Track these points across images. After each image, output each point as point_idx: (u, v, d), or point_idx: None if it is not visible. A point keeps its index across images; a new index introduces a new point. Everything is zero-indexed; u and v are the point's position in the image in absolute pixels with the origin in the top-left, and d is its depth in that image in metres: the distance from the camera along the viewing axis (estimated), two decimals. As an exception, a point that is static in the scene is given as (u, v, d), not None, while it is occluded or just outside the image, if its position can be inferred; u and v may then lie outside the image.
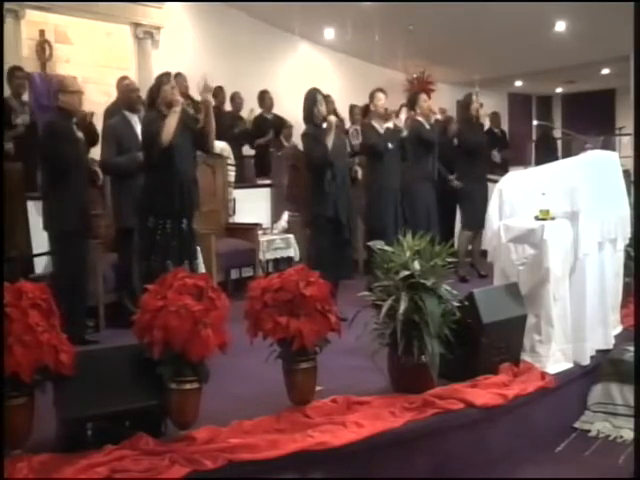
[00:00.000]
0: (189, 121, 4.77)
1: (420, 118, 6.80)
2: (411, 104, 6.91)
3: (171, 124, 4.57)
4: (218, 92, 9.02)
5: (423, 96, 7.12)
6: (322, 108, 5.61)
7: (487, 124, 9.44)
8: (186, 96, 7.10)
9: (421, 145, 6.71)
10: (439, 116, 7.13)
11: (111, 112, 6.99)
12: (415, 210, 6.50)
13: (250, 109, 9.52)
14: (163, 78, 4.77)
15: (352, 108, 9.05)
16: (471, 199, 7.33)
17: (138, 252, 4.82)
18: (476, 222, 7.11)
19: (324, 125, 5.60)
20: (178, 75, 5.22)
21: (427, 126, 6.86)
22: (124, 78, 7.64)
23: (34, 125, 6.52)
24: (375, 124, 6.23)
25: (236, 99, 9.35)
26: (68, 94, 4.95)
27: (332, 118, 5.62)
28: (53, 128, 4.99)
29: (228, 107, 9.38)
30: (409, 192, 6.44)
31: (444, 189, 7.16)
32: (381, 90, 6.29)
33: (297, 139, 8.67)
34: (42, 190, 5.11)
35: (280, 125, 9.38)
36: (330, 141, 5.53)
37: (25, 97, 7.22)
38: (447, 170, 7.47)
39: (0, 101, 6.35)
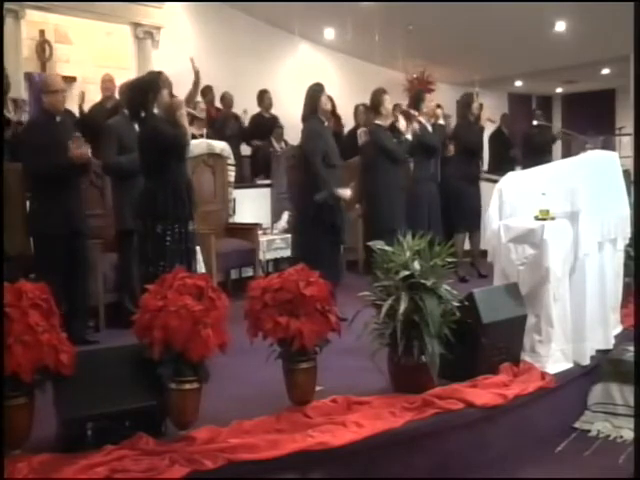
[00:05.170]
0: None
1: (422, 119, 6.79)
2: (415, 103, 6.88)
3: (186, 125, 4.58)
4: (207, 92, 9.00)
5: (428, 96, 7.11)
6: (326, 99, 5.49)
7: (488, 125, 9.41)
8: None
9: (424, 149, 6.71)
10: (442, 121, 7.10)
11: (96, 111, 7.05)
12: (417, 211, 6.50)
13: (243, 110, 9.48)
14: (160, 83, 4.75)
15: (357, 107, 8.99)
16: (462, 200, 7.21)
17: (142, 257, 4.71)
18: (467, 223, 7.12)
19: (325, 123, 5.53)
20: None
21: (429, 128, 6.86)
22: (107, 76, 7.74)
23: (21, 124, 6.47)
24: (385, 127, 6.20)
25: (226, 98, 9.31)
26: (51, 94, 4.90)
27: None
28: (34, 128, 4.96)
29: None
30: (411, 193, 6.45)
31: (446, 190, 7.13)
32: (385, 91, 6.26)
33: (291, 139, 8.67)
34: (30, 191, 5.09)
35: (274, 125, 9.32)
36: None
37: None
38: (441, 168, 7.23)
39: (0, 102, 6.33)
